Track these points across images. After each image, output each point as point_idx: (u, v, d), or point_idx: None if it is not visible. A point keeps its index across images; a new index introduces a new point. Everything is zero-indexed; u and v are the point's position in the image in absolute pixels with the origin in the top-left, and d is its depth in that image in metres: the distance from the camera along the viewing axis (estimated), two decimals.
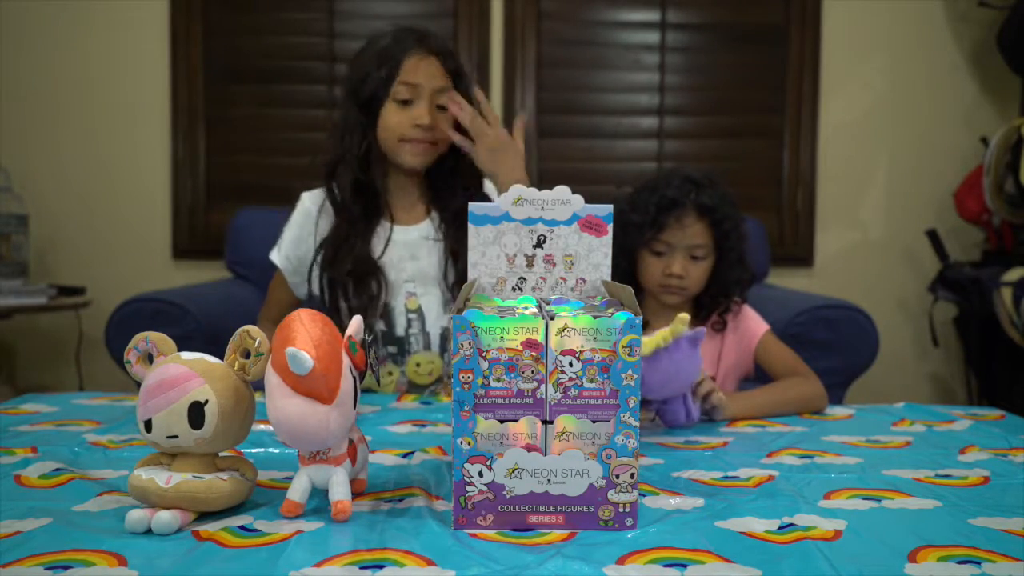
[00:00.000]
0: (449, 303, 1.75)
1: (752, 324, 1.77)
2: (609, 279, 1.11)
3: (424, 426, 1.40)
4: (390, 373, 1.73)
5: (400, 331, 1.73)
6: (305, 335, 0.91)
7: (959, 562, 0.85)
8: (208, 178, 3.21)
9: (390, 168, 1.77)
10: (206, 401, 0.93)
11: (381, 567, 0.82)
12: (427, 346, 1.74)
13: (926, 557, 0.86)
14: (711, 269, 1.74)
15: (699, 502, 1.03)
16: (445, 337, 1.74)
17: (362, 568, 0.82)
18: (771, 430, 1.41)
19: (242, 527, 0.92)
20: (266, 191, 3.16)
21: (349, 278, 1.72)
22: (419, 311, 1.74)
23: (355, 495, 1.01)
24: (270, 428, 1.24)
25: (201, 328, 2.19)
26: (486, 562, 0.84)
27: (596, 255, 1.11)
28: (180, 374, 0.93)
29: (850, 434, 1.38)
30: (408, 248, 1.76)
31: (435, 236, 1.77)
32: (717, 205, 1.70)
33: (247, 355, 0.97)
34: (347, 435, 0.97)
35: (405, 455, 1.21)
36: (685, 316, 1.31)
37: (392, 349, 1.73)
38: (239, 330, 0.97)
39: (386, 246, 1.74)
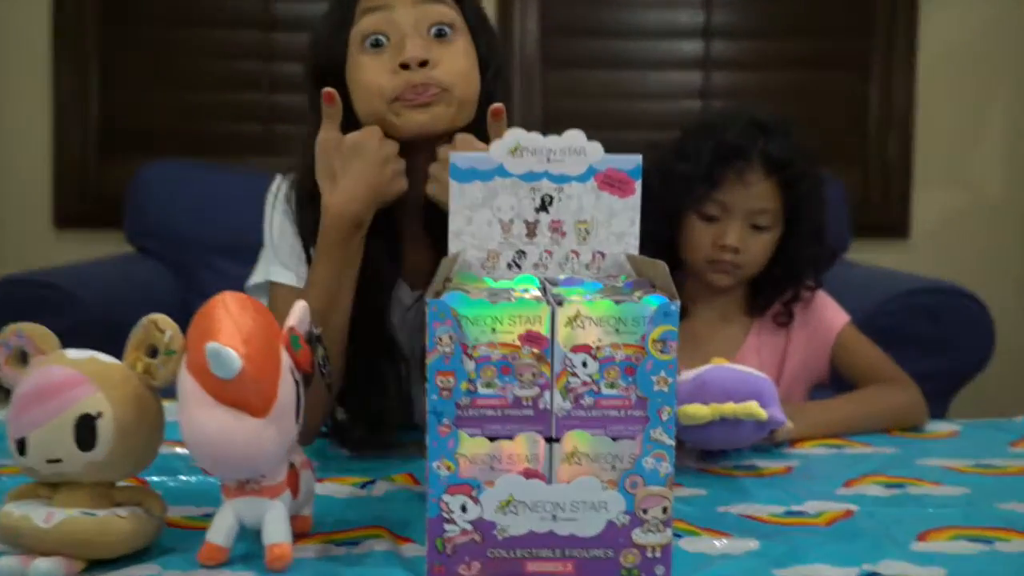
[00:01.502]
0: None
1: (828, 315, 1.77)
2: (636, 252, 1.11)
3: (388, 446, 1.40)
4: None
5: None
6: (231, 327, 0.91)
7: None
8: (101, 122, 3.20)
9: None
10: (99, 414, 0.93)
11: None
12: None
13: None
14: (776, 243, 1.73)
15: (753, 544, 1.03)
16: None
17: None
18: (849, 451, 1.42)
19: None
20: (178, 138, 3.15)
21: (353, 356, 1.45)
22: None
23: (297, 536, 1.01)
24: (185, 450, 1.25)
25: (93, 319, 2.19)
26: None
27: (619, 221, 1.11)
28: (65, 379, 0.94)
29: (955, 456, 1.39)
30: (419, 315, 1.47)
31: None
32: (792, 159, 1.69)
33: (154, 353, 0.97)
34: (287, 458, 0.98)
35: (364, 484, 1.21)
36: (754, 406, 1.29)
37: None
38: (143, 320, 0.97)
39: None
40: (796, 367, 1.76)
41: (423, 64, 1.32)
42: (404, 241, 1.44)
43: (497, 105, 1.31)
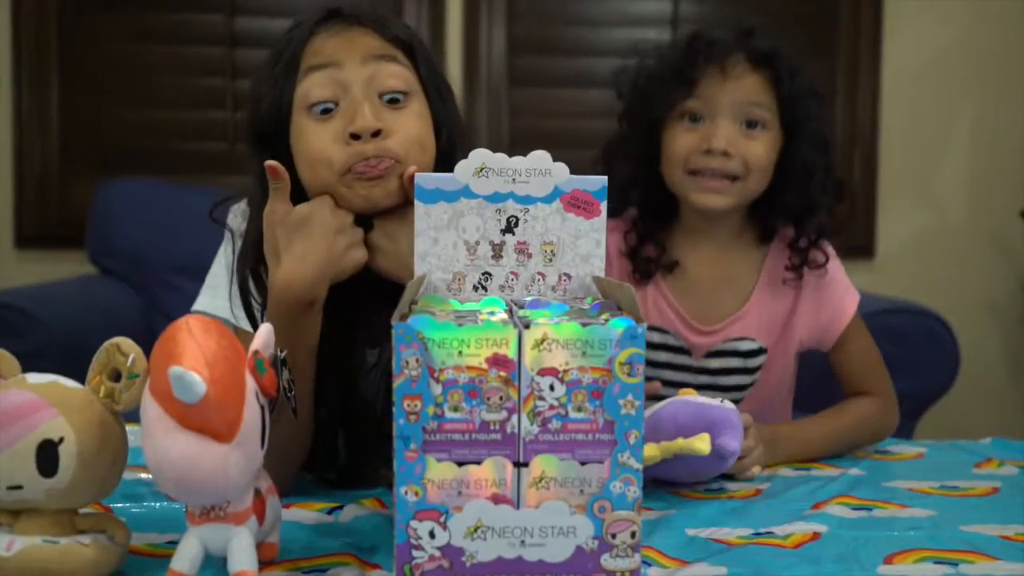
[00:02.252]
0: None
1: (840, 293, 1.66)
2: (603, 273, 1.12)
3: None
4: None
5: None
6: (195, 350, 0.91)
7: None
8: (63, 138, 3.19)
9: None
10: (60, 439, 0.93)
11: None
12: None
13: None
14: (774, 156, 1.58)
15: (722, 571, 1.04)
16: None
17: None
18: (817, 473, 1.42)
19: None
20: (142, 157, 3.14)
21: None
22: None
23: (263, 564, 1.01)
24: (149, 475, 1.24)
25: (55, 342, 2.18)
26: None
27: (586, 243, 1.11)
28: (24, 403, 0.93)
29: (920, 478, 1.40)
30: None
31: None
32: (780, 53, 1.56)
33: (117, 377, 0.96)
34: (252, 484, 0.97)
35: (331, 510, 1.21)
36: (706, 437, 1.25)
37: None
38: (106, 344, 0.97)
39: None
40: (799, 336, 1.67)
41: (375, 134, 1.24)
42: (369, 309, 1.31)
43: (411, 170, 1.23)
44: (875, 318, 2.31)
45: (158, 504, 1.21)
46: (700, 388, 1.53)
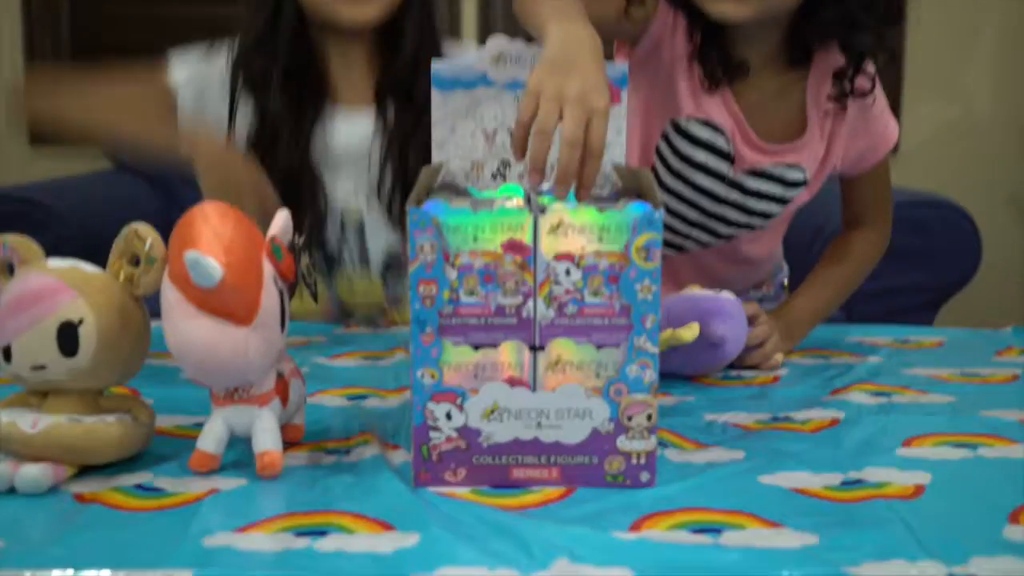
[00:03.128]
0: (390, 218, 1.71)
1: (884, 122, 1.61)
2: (623, 161, 1.12)
3: (380, 359, 1.42)
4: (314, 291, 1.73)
5: (332, 241, 1.72)
6: (211, 235, 0.92)
7: None
8: (74, 32, 3.17)
9: (326, 34, 1.70)
10: (80, 320, 0.94)
11: (323, 533, 0.85)
12: (364, 261, 1.74)
13: None
14: None
15: (738, 454, 1.05)
16: (389, 264, 1.73)
17: (299, 535, 0.85)
18: (836, 361, 1.43)
19: (139, 486, 0.95)
20: (156, 51, 3.11)
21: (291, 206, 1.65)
22: (360, 223, 1.72)
23: (288, 445, 1.03)
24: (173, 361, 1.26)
25: (73, 234, 2.20)
26: (458, 527, 0.86)
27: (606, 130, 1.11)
28: (45, 286, 0.95)
29: (940, 366, 1.41)
30: (354, 139, 1.72)
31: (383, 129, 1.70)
32: None
33: (137, 263, 0.98)
34: (274, 366, 0.99)
35: (355, 398, 1.23)
36: (693, 326, 1.25)
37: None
38: (125, 229, 0.98)
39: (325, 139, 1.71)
40: (833, 163, 1.60)
41: None
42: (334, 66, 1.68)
43: None
44: (897, 210, 2.30)
45: (185, 388, 1.23)
46: (724, 203, 1.55)
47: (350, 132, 1.70)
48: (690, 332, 1.25)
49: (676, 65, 1.52)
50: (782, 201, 1.59)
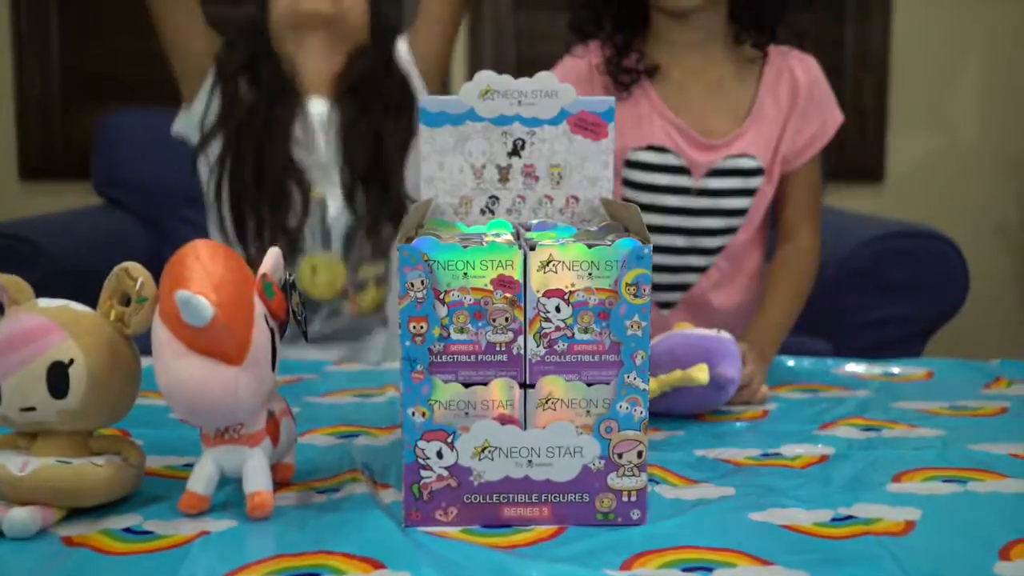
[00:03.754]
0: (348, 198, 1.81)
1: (827, 111, 1.71)
2: (611, 195, 1.12)
3: (371, 397, 1.42)
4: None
5: (292, 221, 1.76)
6: (202, 274, 0.92)
7: None
8: (64, 67, 3.17)
9: (286, 25, 1.82)
10: (70, 361, 0.94)
11: (315, 575, 0.84)
12: (326, 243, 1.78)
13: (1023, 553, 0.89)
14: None
15: (729, 491, 1.05)
16: (350, 237, 1.78)
17: None
18: (825, 395, 1.43)
19: (127, 529, 0.94)
20: (147, 85, 3.10)
21: (257, 187, 1.78)
22: (323, 202, 1.78)
23: (278, 485, 1.03)
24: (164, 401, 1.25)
25: (63, 271, 2.19)
26: (449, 567, 0.86)
27: (593, 165, 1.12)
28: (36, 326, 0.94)
29: (929, 399, 1.41)
30: (314, 125, 1.83)
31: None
32: None
33: (127, 302, 0.97)
34: (265, 405, 0.99)
35: (345, 436, 1.23)
36: (704, 367, 1.27)
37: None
38: (116, 268, 0.98)
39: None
40: (783, 153, 1.69)
41: None
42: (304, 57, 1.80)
43: None
44: (884, 241, 2.32)
45: (175, 429, 1.22)
46: (700, 214, 1.62)
47: (311, 118, 1.81)
48: (702, 374, 1.25)
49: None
50: (747, 192, 1.68)
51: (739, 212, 1.68)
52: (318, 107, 1.83)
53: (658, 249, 1.63)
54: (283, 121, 1.78)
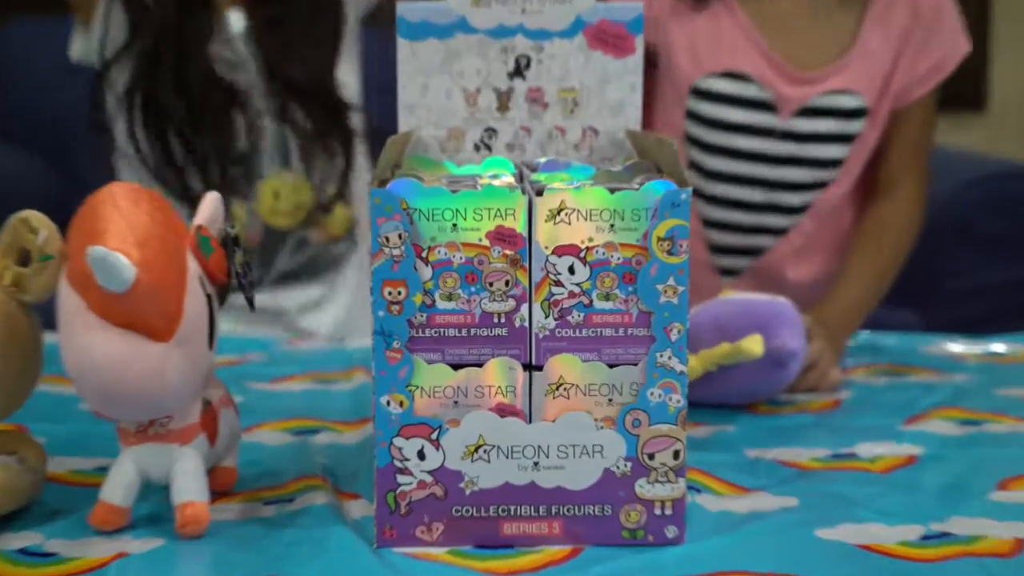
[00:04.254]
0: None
1: (952, 37, 1.69)
2: (638, 125, 1.12)
3: (334, 382, 1.42)
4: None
5: (242, 142, 1.82)
6: (122, 225, 0.91)
7: None
8: None
9: None
10: None
11: None
12: (284, 162, 1.84)
13: None
14: None
15: (790, 501, 1.05)
16: (307, 151, 1.86)
17: None
18: (912, 379, 1.43)
19: (23, 550, 0.94)
20: None
21: (184, 104, 1.81)
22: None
23: (217, 494, 1.02)
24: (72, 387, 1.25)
25: None
26: None
27: (616, 88, 1.11)
28: None
29: None
30: (234, 39, 1.88)
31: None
32: None
33: (25, 261, 0.97)
34: (200, 393, 0.98)
35: (302, 432, 1.23)
36: (758, 338, 1.26)
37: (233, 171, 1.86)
38: (12, 219, 0.97)
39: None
40: (894, 89, 1.68)
41: None
42: None
43: None
44: (986, 184, 2.31)
45: (84, 422, 1.22)
46: (784, 162, 1.62)
47: (233, 33, 1.87)
48: (756, 345, 1.24)
49: (667, 23, 1.62)
50: (845, 139, 1.65)
51: (832, 163, 1.67)
52: (238, 21, 1.89)
53: (727, 203, 1.64)
54: (203, 37, 1.83)
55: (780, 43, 1.66)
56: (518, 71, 1.11)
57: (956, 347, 1.58)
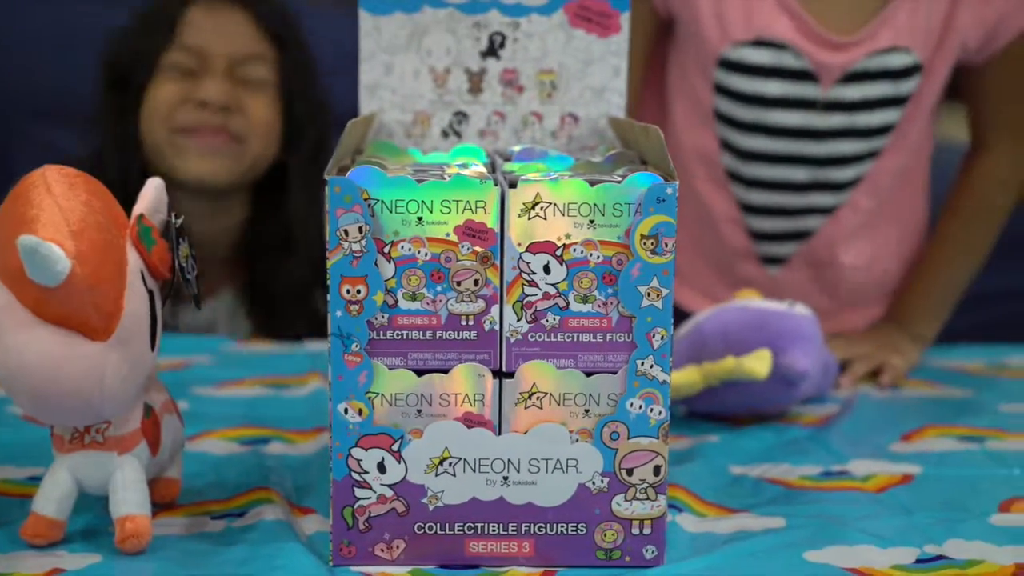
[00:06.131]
0: None
1: None
2: (622, 112, 1.12)
3: (287, 388, 1.42)
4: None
5: None
6: (55, 213, 0.90)
7: None
8: None
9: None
10: None
11: None
12: None
13: None
14: None
15: (777, 522, 1.05)
16: None
17: None
18: (909, 393, 1.44)
19: None
20: None
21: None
22: None
23: (159, 506, 1.02)
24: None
25: None
26: None
27: (600, 70, 1.11)
28: None
29: None
30: None
31: None
32: None
33: None
34: (141, 397, 0.98)
35: (252, 442, 1.23)
36: (764, 355, 1.26)
37: None
38: None
39: None
40: (961, 39, 1.63)
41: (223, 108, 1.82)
42: None
43: None
44: None
45: (16, 428, 1.22)
46: (830, 136, 1.59)
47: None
48: (761, 364, 1.24)
49: None
50: (898, 102, 1.62)
51: (883, 130, 1.63)
52: None
53: (768, 185, 1.63)
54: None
55: (814, 3, 1.60)
56: (491, 50, 1.11)
57: (958, 358, 1.58)
